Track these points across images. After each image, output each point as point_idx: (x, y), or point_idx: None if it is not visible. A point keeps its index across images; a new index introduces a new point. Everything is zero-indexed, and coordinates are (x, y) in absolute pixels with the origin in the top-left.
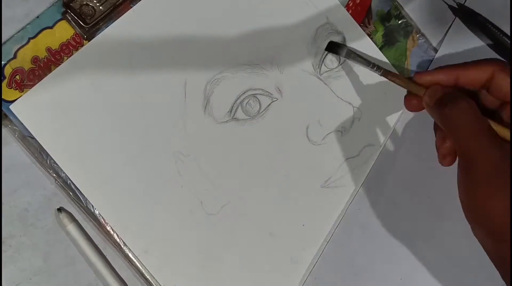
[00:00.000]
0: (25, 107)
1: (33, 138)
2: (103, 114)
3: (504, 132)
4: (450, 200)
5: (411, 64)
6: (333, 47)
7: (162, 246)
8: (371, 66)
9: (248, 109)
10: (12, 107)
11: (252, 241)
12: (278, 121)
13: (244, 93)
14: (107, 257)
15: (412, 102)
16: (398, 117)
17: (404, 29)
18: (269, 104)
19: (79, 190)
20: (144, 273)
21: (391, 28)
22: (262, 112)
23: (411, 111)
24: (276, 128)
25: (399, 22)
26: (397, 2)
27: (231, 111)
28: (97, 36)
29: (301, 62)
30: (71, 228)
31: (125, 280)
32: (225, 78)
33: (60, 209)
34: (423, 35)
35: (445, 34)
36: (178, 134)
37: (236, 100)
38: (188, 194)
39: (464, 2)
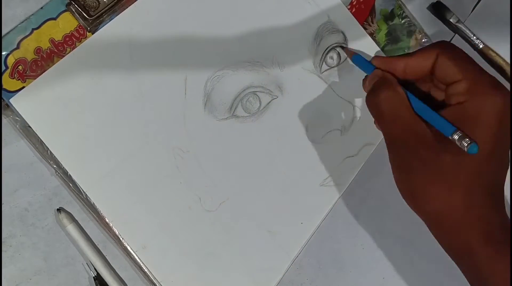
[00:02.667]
0: (26, 101)
1: None
2: (103, 109)
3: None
4: None
5: None
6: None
7: (160, 241)
8: None
9: (248, 106)
10: (12, 100)
11: (250, 238)
12: (278, 119)
13: (244, 90)
14: (107, 256)
15: (366, 84)
16: None
17: (407, 29)
18: (269, 102)
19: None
20: (143, 267)
21: (394, 27)
22: (262, 109)
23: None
24: (276, 125)
25: (402, 21)
26: (401, 1)
27: (231, 108)
28: (98, 31)
29: (302, 60)
30: (71, 228)
31: (125, 280)
32: (226, 75)
33: (59, 210)
34: (426, 35)
35: (453, 36)
36: (178, 130)
37: (236, 97)
38: (187, 190)
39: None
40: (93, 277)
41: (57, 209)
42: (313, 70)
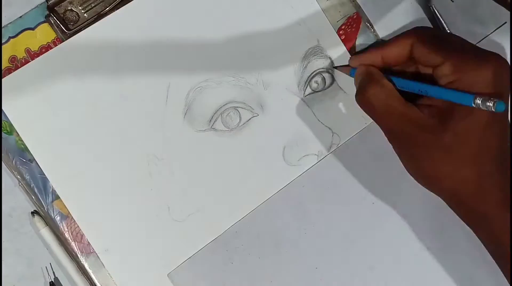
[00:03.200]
0: (5, 89)
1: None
2: (82, 107)
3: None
4: (392, 213)
5: None
6: None
7: (124, 246)
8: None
9: (227, 121)
10: None
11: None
12: (256, 136)
13: (226, 104)
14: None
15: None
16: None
17: None
18: (249, 119)
19: (43, 194)
20: (97, 285)
21: None
22: (241, 125)
23: None
24: (253, 143)
25: None
26: (382, 39)
27: (210, 121)
28: (86, 29)
29: (287, 81)
30: (44, 232)
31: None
32: (209, 87)
33: (33, 213)
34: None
35: None
36: (155, 136)
37: (217, 111)
38: (157, 197)
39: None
40: (49, 282)
41: (32, 212)
42: (296, 92)
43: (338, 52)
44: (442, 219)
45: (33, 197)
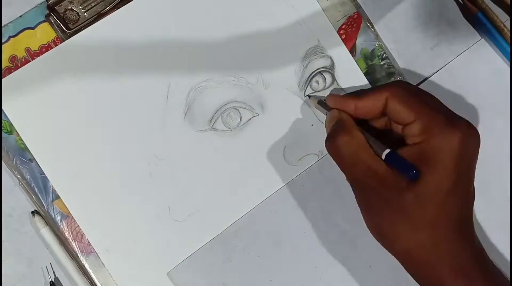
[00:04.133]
0: (6, 89)
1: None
2: (83, 107)
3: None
4: None
5: None
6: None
7: (124, 246)
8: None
9: (228, 121)
10: None
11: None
12: (256, 136)
13: (226, 104)
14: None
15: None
16: None
17: (387, 70)
18: (250, 119)
19: (43, 194)
20: (98, 284)
21: (373, 68)
22: (242, 125)
23: None
24: (253, 143)
25: (382, 62)
26: (383, 43)
27: (211, 121)
28: (87, 29)
29: (287, 81)
30: (44, 232)
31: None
32: (209, 87)
33: (34, 212)
34: (404, 78)
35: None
36: (155, 136)
37: (218, 110)
38: (157, 197)
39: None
40: (50, 282)
41: (32, 212)
42: (297, 92)
43: (339, 51)
44: None
45: (33, 196)
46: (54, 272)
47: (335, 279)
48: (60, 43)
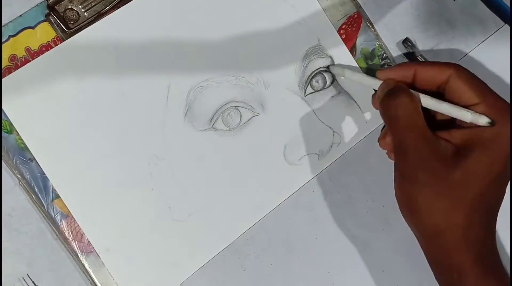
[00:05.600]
0: (6, 89)
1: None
2: (83, 107)
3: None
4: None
5: None
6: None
7: (125, 246)
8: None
9: (228, 120)
10: None
11: (215, 252)
12: (257, 136)
13: (226, 103)
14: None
15: (376, 94)
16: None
17: None
18: (250, 118)
19: (43, 193)
20: (97, 284)
21: (373, 67)
22: (242, 125)
23: (377, 109)
24: (254, 143)
25: (382, 62)
26: (383, 42)
27: (211, 120)
28: (86, 29)
29: (287, 80)
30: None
31: None
32: (210, 86)
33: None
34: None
35: None
36: (156, 136)
37: (218, 110)
38: (158, 197)
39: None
40: None
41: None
42: (297, 92)
43: (339, 51)
44: None
45: (33, 196)
46: (33, 282)
47: (348, 284)
48: (60, 42)
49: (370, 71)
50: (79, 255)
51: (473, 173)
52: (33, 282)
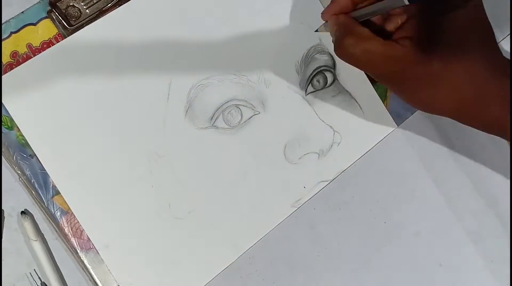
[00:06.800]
0: (7, 86)
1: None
2: (84, 104)
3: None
4: (403, 232)
5: (391, 106)
6: None
7: (124, 243)
8: None
9: (229, 118)
10: None
11: (215, 250)
12: (257, 134)
13: (227, 102)
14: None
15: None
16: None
17: None
18: (251, 117)
19: (43, 189)
20: (96, 281)
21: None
22: (242, 123)
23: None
24: (254, 141)
25: None
26: None
27: (212, 118)
28: (88, 26)
29: (288, 79)
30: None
31: None
32: (211, 84)
33: (24, 213)
34: None
35: None
36: (156, 134)
37: (219, 108)
38: (158, 195)
39: None
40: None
41: (22, 212)
42: (298, 91)
43: None
44: (454, 236)
45: (33, 192)
46: (40, 278)
47: None
48: (62, 39)
49: None
50: (78, 251)
51: (448, 54)
52: (39, 277)
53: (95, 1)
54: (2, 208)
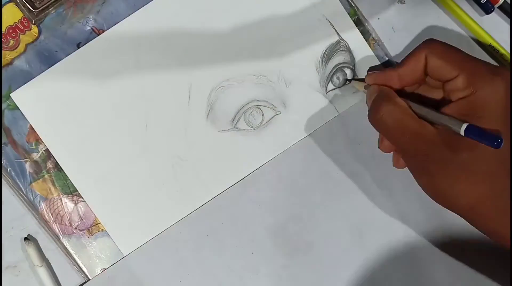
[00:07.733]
0: (26, 96)
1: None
2: (104, 110)
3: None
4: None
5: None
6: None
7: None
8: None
9: (250, 120)
10: (13, 95)
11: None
12: (279, 134)
13: (248, 103)
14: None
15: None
16: None
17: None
18: (272, 117)
19: (20, 177)
20: (80, 265)
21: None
22: (264, 124)
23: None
24: (277, 141)
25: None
26: (356, 7)
27: (233, 120)
28: (106, 31)
29: (308, 77)
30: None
31: None
32: (231, 86)
33: (26, 238)
34: (377, 43)
35: None
36: (178, 138)
37: (240, 110)
38: (183, 199)
39: None
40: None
41: (25, 238)
42: (318, 89)
43: (360, 47)
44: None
45: (10, 180)
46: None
47: None
48: (28, 23)
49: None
50: (60, 237)
51: (478, 147)
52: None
53: None
54: None
